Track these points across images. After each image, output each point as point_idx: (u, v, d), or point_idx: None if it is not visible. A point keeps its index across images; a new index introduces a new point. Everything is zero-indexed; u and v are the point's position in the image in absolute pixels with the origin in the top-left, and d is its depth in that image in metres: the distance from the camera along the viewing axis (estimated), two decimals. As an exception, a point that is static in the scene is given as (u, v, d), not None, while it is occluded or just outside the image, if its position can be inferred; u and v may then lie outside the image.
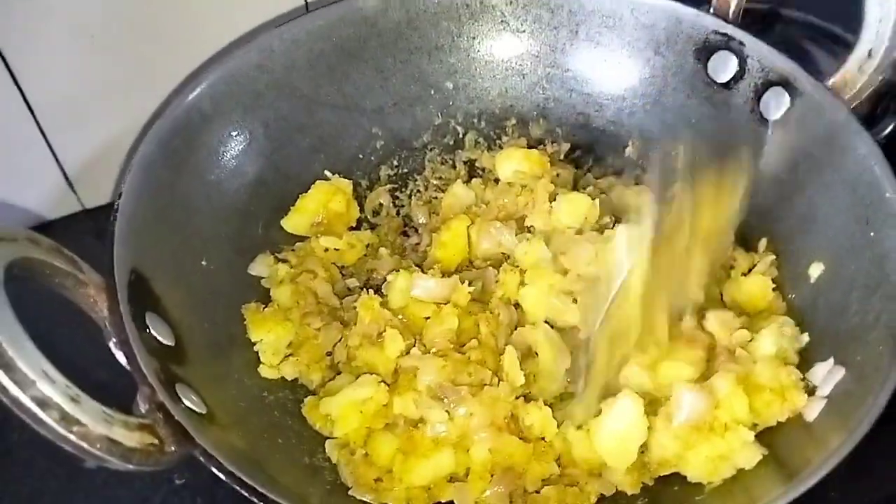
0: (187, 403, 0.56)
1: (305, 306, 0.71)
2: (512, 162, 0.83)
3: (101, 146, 0.83)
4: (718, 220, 0.66)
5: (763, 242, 0.74)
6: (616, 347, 0.63)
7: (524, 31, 0.86)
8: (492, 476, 0.60)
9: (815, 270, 0.69)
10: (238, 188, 0.77)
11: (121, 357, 0.56)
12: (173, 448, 0.51)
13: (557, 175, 0.82)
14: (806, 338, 0.66)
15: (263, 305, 0.72)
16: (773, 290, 0.71)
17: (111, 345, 0.58)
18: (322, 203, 0.78)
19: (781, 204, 0.74)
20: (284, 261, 0.76)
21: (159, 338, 0.60)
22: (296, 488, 0.56)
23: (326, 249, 0.76)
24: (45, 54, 0.75)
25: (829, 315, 0.66)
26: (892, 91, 0.94)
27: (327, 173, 0.82)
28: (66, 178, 0.85)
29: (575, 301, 0.68)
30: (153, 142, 0.70)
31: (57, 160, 0.83)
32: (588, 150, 0.87)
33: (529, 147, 0.85)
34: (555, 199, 0.76)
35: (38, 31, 0.74)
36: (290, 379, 0.69)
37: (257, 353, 0.69)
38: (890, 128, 0.91)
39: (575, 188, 0.81)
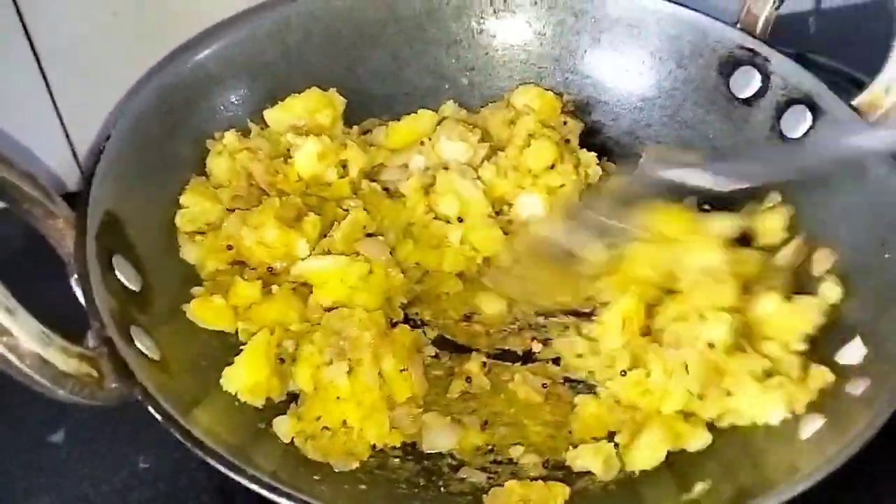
0: (139, 346, 0.53)
1: (237, 188, 0.69)
2: (525, 96, 0.83)
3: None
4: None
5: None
6: None
7: (545, 34, 0.85)
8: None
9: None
10: (234, 154, 0.75)
11: (78, 292, 0.54)
12: (114, 385, 0.49)
13: (565, 123, 0.82)
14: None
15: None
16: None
17: (72, 281, 0.56)
18: (309, 109, 0.76)
19: (797, 223, 0.71)
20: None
21: (124, 281, 0.58)
22: (242, 447, 0.52)
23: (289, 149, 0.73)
24: (67, 30, 0.75)
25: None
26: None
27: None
28: (75, 155, 0.84)
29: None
30: (152, 94, 0.69)
31: (68, 136, 0.83)
32: (600, 159, 0.84)
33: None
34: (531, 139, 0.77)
35: (62, 10, 0.74)
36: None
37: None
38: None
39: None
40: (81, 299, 0.54)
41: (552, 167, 0.76)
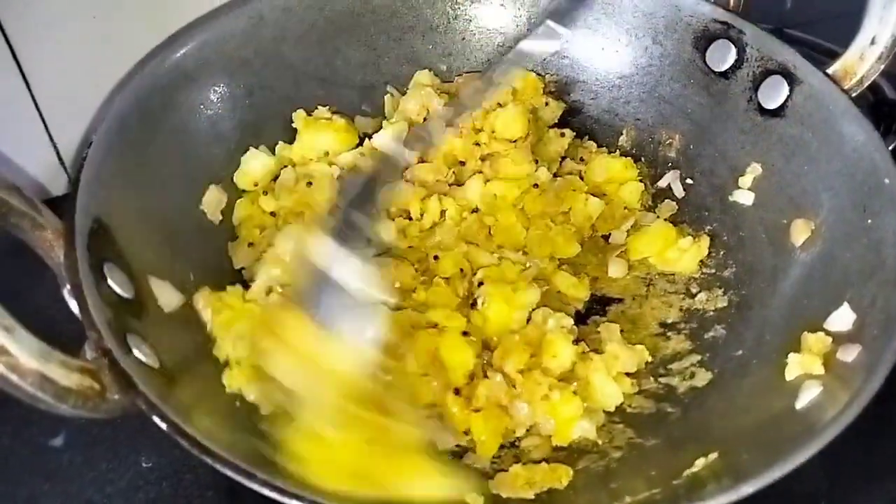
0: (137, 354, 0.53)
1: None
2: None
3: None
4: None
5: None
6: None
7: (521, 16, 0.85)
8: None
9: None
10: (217, 154, 0.75)
11: (72, 304, 0.53)
12: (116, 396, 0.48)
13: (547, 104, 0.83)
14: None
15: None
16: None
17: (65, 292, 0.55)
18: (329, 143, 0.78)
19: (778, 193, 0.72)
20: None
21: (117, 289, 0.57)
22: (245, 449, 0.52)
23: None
24: (47, 36, 0.74)
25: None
26: (893, 110, 0.93)
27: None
28: (60, 159, 0.83)
29: None
30: (131, 97, 0.68)
31: (52, 140, 0.81)
32: (581, 138, 0.84)
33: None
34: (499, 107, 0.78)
35: (42, 14, 0.73)
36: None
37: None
38: (892, 146, 0.90)
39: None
40: (76, 311, 0.53)
41: (514, 142, 0.77)
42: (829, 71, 0.71)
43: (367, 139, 0.79)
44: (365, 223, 0.61)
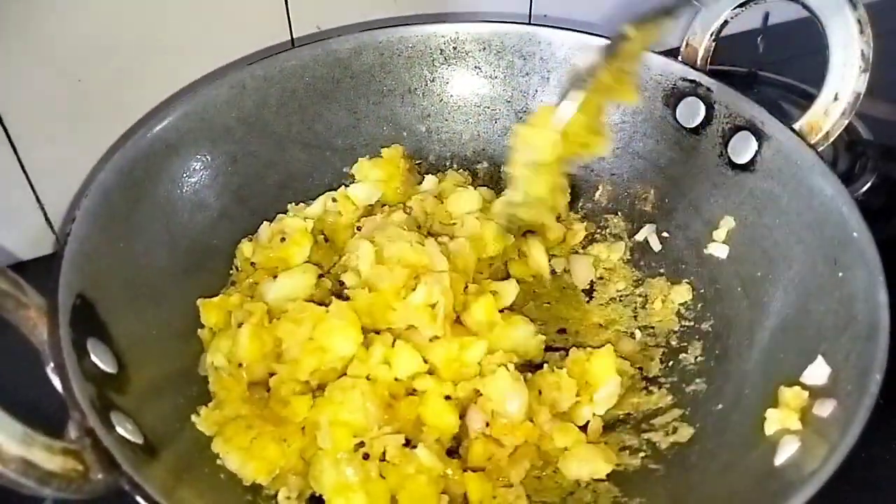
0: (121, 431, 0.53)
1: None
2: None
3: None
4: None
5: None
6: None
7: (497, 77, 0.87)
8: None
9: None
10: (201, 221, 0.76)
11: (56, 382, 0.54)
12: (100, 476, 0.48)
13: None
14: None
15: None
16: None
17: (48, 370, 0.55)
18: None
19: (751, 246, 0.73)
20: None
21: (100, 364, 0.58)
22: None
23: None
24: (32, 97, 0.76)
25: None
26: (869, 149, 0.96)
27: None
28: (47, 219, 0.84)
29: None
30: (114, 169, 0.69)
31: (38, 200, 0.82)
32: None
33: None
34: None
35: (25, 74, 0.74)
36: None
37: (208, 390, 0.66)
38: (868, 184, 0.92)
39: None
40: (59, 388, 0.53)
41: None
42: (796, 126, 0.73)
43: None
44: None
